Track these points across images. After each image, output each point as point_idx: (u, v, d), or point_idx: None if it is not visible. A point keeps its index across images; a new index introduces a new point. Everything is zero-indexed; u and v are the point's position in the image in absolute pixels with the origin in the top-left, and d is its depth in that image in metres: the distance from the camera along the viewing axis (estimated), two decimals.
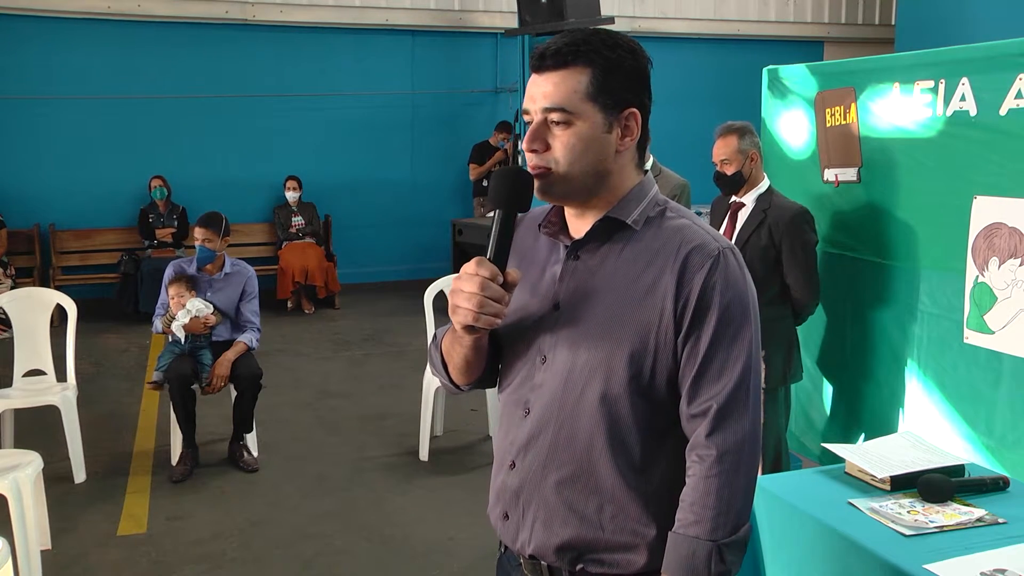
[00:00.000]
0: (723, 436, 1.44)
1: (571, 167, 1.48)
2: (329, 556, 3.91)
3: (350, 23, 9.71)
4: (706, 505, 1.44)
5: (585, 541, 1.53)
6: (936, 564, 2.03)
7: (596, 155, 1.49)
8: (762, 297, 3.50)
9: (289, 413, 5.82)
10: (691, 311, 1.46)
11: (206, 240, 4.89)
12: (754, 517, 2.58)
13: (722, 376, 1.45)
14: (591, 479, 1.52)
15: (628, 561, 1.52)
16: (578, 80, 1.46)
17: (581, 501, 1.52)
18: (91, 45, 9.01)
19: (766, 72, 4.25)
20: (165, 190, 8.80)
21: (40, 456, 3.80)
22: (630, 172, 1.55)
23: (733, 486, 1.44)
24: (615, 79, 1.48)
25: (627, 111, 1.50)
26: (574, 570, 1.55)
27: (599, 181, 1.51)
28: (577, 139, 1.47)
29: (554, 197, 1.54)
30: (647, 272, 1.48)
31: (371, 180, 10.01)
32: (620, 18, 10.00)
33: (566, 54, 1.47)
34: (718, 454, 1.43)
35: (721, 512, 1.43)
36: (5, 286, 7.64)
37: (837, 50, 10.99)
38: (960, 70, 3.22)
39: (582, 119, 1.47)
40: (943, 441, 3.22)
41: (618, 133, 1.50)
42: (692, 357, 1.47)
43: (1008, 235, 3.04)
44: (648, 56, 1.55)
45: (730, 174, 3.62)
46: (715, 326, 1.45)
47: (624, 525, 1.51)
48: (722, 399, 1.45)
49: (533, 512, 1.56)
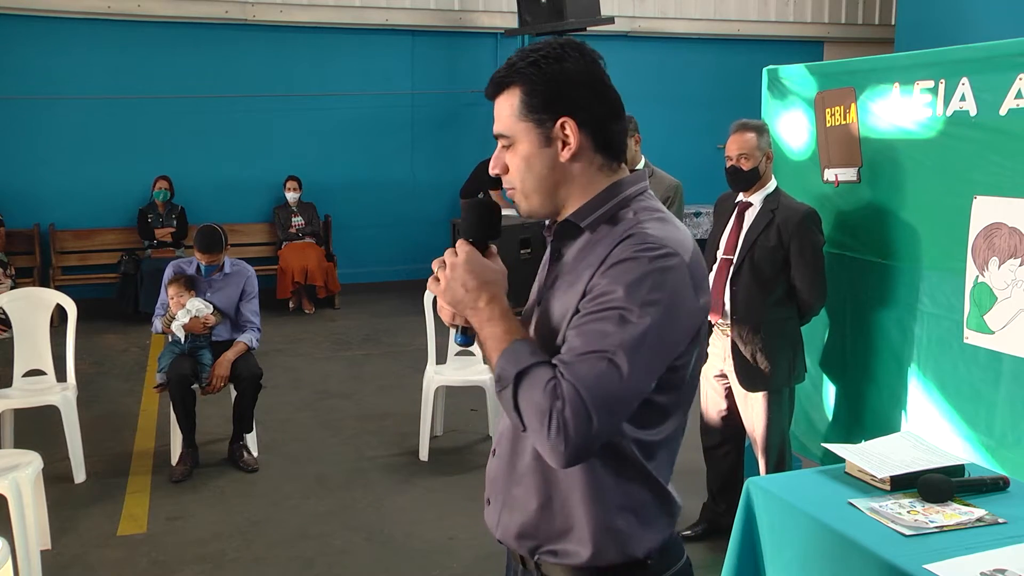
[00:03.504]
0: (570, 371, 1.40)
1: (524, 185, 1.55)
2: (329, 556, 3.91)
3: (350, 23, 9.70)
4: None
5: (535, 530, 1.57)
6: (936, 564, 2.03)
7: (540, 171, 1.53)
8: (768, 297, 3.58)
9: (289, 413, 5.82)
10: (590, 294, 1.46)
11: (210, 261, 4.89)
12: (754, 517, 2.58)
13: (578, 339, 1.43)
14: (538, 469, 1.56)
15: (573, 552, 1.55)
16: (511, 103, 1.53)
17: (531, 490, 1.57)
18: (91, 45, 9.01)
19: (766, 72, 4.25)
20: (168, 192, 8.80)
21: (40, 456, 3.81)
22: (592, 176, 1.55)
23: (533, 390, 1.41)
24: (542, 94, 1.51)
25: (559, 122, 1.51)
26: (533, 559, 1.60)
27: (556, 193, 1.55)
28: (520, 159, 1.54)
29: (526, 214, 1.60)
30: (585, 270, 1.50)
31: (371, 180, 10.01)
32: (620, 18, 10.00)
33: (500, 80, 1.54)
34: (562, 376, 1.40)
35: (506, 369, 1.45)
36: (5, 286, 7.64)
37: (837, 50, 10.99)
38: (960, 70, 3.22)
39: (520, 140, 1.53)
40: (943, 441, 3.22)
41: (558, 145, 1.52)
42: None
43: (1008, 235, 3.04)
44: (593, 57, 1.55)
45: (747, 169, 3.60)
46: (592, 299, 1.44)
47: (568, 516, 1.54)
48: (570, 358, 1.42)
49: (502, 499, 1.63)
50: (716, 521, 3.94)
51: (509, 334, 1.48)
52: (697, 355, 1.55)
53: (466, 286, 1.51)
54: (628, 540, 1.53)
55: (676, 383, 1.51)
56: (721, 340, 3.70)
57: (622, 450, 1.50)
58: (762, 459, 3.70)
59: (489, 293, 1.51)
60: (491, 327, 1.49)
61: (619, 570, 1.54)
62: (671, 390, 1.51)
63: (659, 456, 1.54)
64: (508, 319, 1.50)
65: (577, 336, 1.42)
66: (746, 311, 3.58)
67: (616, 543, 1.53)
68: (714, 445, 3.95)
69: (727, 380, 3.78)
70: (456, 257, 1.53)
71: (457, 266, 1.52)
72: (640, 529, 1.54)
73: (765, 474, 3.61)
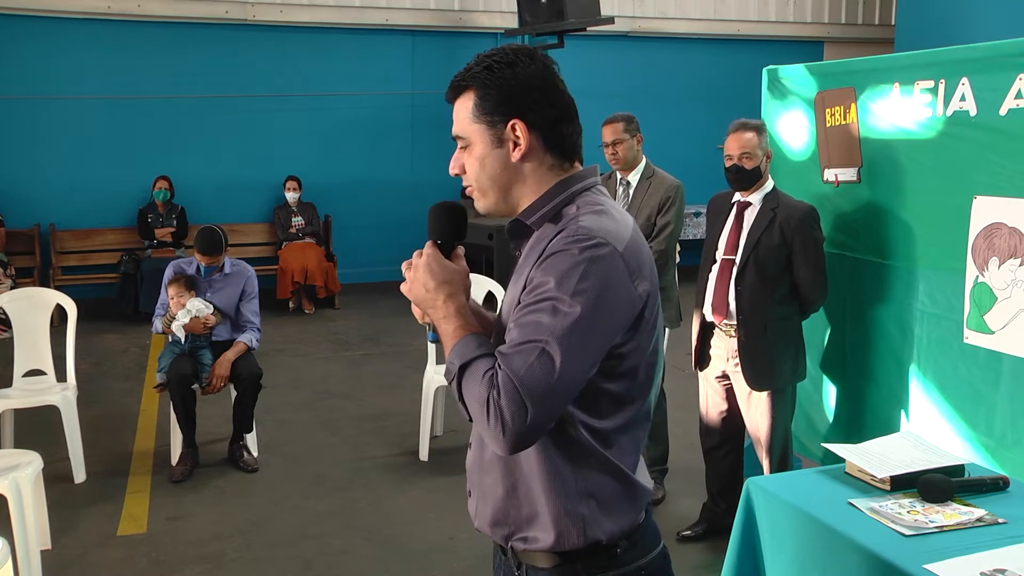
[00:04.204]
0: (506, 362, 1.46)
1: (479, 184, 1.64)
2: (329, 556, 3.91)
3: (350, 23, 9.71)
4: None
5: (505, 517, 1.63)
6: (936, 564, 2.03)
7: (493, 170, 1.61)
8: (773, 295, 3.58)
9: (289, 413, 5.82)
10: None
11: (210, 263, 4.89)
12: (754, 517, 2.58)
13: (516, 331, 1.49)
14: (502, 458, 1.61)
15: (539, 538, 1.60)
16: (466, 106, 1.61)
17: (498, 478, 1.63)
18: (91, 45, 9.02)
19: (766, 72, 4.25)
20: (168, 193, 8.80)
21: (40, 456, 3.80)
22: (543, 175, 1.62)
23: (473, 380, 1.49)
24: (493, 97, 1.58)
25: (510, 123, 1.58)
26: (507, 546, 1.66)
27: (509, 192, 1.63)
28: (475, 160, 1.62)
29: (483, 211, 1.68)
30: (528, 266, 1.56)
31: (371, 180, 10.01)
32: (620, 18, 10.01)
33: (457, 84, 1.62)
34: (501, 366, 1.46)
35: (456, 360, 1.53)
36: (5, 286, 7.64)
37: (837, 50, 11.00)
38: (960, 70, 3.22)
39: (474, 141, 1.61)
40: (943, 441, 3.22)
41: (509, 146, 1.59)
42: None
43: (1008, 235, 3.04)
44: (545, 63, 1.61)
45: (750, 168, 3.60)
46: (529, 291, 1.50)
47: (532, 502, 1.60)
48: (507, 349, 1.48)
49: (477, 489, 1.70)
50: (716, 521, 3.94)
51: (462, 330, 1.56)
52: (654, 344, 1.59)
53: (426, 286, 1.59)
54: (589, 524, 1.58)
55: (626, 371, 1.55)
56: (724, 341, 3.70)
57: (574, 437, 1.55)
58: (766, 459, 3.70)
59: (446, 292, 1.59)
60: (446, 324, 1.58)
61: (583, 554, 1.59)
62: (621, 378, 1.55)
63: (618, 443, 1.58)
64: (462, 316, 1.58)
65: (515, 328, 1.48)
66: (752, 310, 3.58)
67: (577, 528, 1.58)
68: (714, 446, 3.95)
69: (728, 381, 3.78)
70: (420, 259, 1.62)
71: (419, 267, 1.61)
72: (601, 514, 1.58)
73: (769, 473, 3.61)
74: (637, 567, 1.62)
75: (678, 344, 5.54)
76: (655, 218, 4.26)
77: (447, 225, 1.67)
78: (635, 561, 1.62)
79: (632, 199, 4.33)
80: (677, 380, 5.62)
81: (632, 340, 1.53)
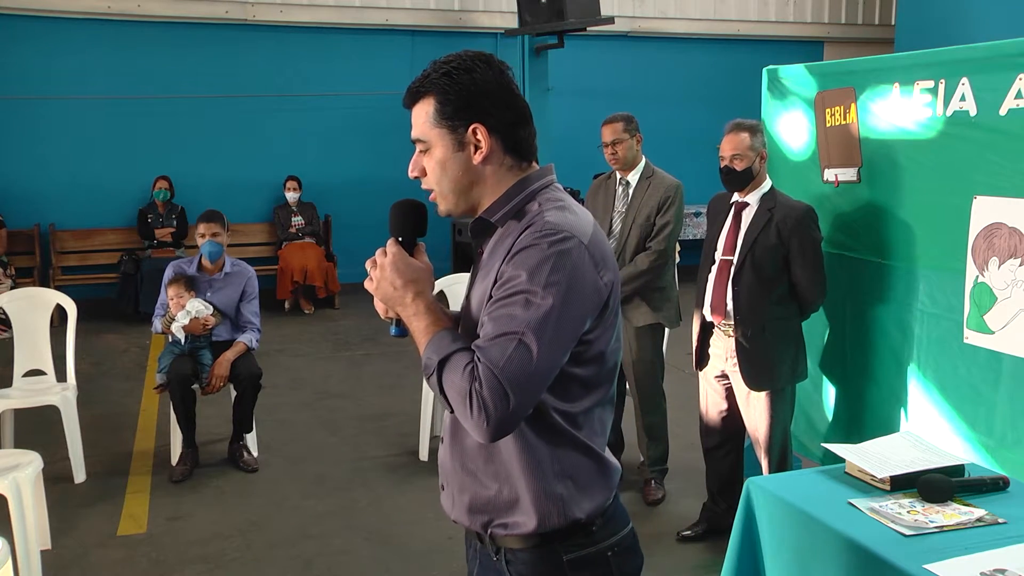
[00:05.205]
0: (485, 354, 1.51)
1: (440, 187, 1.68)
2: (329, 556, 3.91)
3: (350, 23, 9.71)
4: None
5: (484, 504, 1.68)
6: (936, 564, 2.03)
7: (455, 173, 1.66)
8: (771, 296, 3.58)
9: (289, 413, 5.82)
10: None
11: (214, 235, 4.88)
12: (754, 517, 2.58)
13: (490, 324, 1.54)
14: (481, 447, 1.65)
15: (521, 522, 1.65)
16: (426, 111, 1.66)
17: (476, 468, 1.68)
18: (91, 45, 9.01)
19: (766, 72, 4.25)
20: (168, 193, 8.80)
21: (40, 456, 3.80)
22: (502, 176, 1.67)
23: (454, 374, 1.54)
24: (454, 102, 1.63)
25: (471, 127, 1.63)
26: (487, 533, 1.71)
27: (470, 193, 1.68)
28: (436, 163, 1.67)
29: (444, 213, 1.73)
30: (495, 261, 1.61)
31: (371, 180, 10.00)
32: (620, 18, 10.01)
33: (415, 90, 1.68)
34: (479, 358, 1.52)
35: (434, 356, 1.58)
36: (5, 286, 7.65)
37: (837, 50, 11.00)
38: (960, 70, 3.22)
39: (435, 144, 1.66)
40: (943, 441, 3.22)
41: (471, 149, 1.64)
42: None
43: (1008, 235, 3.04)
44: (501, 68, 1.66)
45: (740, 170, 3.60)
46: (501, 286, 1.55)
47: (512, 488, 1.65)
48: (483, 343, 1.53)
49: (451, 481, 1.75)
50: (716, 521, 3.94)
51: (434, 325, 1.61)
52: (616, 332, 1.67)
53: (394, 284, 1.65)
54: (567, 504, 1.64)
55: (593, 357, 1.62)
56: (723, 340, 3.70)
57: (549, 421, 1.62)
58: (765, 459, 3.70)
59: (415, 290, 1.65)
60: (417, 321, 1.64)
61: (563, 533, 1.65)
62: (589, 363, 1.62)
63: (587, 425, 1.66)
64: (432, 312, 1.64)
65: (490, 321, 1.54)
66: (749, 310, 3.58)
67: (557, 507, 1.64)
68: (714, 446, 3.95)
69: (727, 381, 3.78)
70: (385, 257, 1.67)
71: (385, 266, 1.66)
72: (579, 493, 1.65)
73: (768, 473, 3.61)
74: (610, 544, 1.70)
75: (678, 344, 5.54)
76: (654, 218, 4.26)
77: (409, 223, 1.72)
78: (609, 538, 1.70)
79: (632, 199, 4.32)
80: (677, 380, 5.62)
81: (599, 327, 1.61)
